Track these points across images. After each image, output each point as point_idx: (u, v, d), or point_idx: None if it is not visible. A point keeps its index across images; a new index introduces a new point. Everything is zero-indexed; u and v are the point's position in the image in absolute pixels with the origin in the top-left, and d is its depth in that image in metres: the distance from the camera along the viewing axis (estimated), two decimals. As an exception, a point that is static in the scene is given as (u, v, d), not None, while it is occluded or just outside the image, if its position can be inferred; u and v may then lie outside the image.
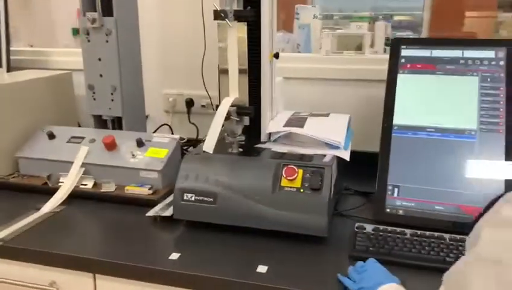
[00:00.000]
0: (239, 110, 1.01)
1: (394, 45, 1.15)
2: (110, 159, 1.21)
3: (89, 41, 1.25)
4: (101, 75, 1.27)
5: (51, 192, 1.17)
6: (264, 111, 1.11)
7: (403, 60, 1.13)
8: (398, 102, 1.10)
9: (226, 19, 0.95)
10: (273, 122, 1.14)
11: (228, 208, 0.97)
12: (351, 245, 0.92)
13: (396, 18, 3.14)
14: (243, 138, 1.07)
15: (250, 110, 1.04)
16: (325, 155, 1.03)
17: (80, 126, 1.57)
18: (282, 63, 1.23)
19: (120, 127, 1.33)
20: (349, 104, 1.38)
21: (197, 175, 1.00)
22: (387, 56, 1.37)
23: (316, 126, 1.11)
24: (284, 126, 1.11)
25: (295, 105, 1.30)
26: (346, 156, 1.05)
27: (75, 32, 3.15)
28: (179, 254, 0.90)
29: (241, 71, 1.03)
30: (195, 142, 1.46)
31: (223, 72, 1.05)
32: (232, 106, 1.00)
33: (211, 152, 0.97)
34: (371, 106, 1.37)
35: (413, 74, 1.12)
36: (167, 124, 1.53)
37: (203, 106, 1.52)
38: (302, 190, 0.95)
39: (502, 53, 1.06)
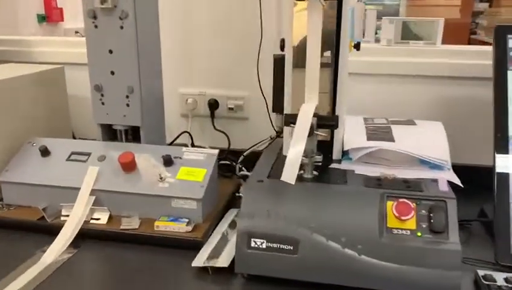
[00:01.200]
0: (320, 121, 0.74)
1: (499, 34, 0.90)
2: (130, 184, 0.91)
3: (96, 27, 0.93)
4: (112, 73, 0.96)
5: (50, 230, 0.87)
6: (340, 120, 0.84)
7: (512, 53, 0.89)
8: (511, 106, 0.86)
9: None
10: (350, 135, 0.87)
11: (316, 260, 0.70)
12: (493, 309, 0.67)
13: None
14: (319, 157, 0.80)
15: (335, 121, 0.77)
16: (433, 180, 0.78)
17: (74, 137, 1.25)
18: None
19: (135, 139, 1.03)
20: (419, 106, 1.14)
21: (268, 212, 0.72)
22: (465, 47, 1.15)
23: (409, 139, 0.85)
24: (368, 140, 0.85)
25: (349, 107, 1.04)
26: (456, 179, 0.79)
27: (41, 19, 2.80)
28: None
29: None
30: (228, 153, 1.17)
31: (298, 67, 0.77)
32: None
33: (293, 183, 0.69)
34: (449, 109, 1.12)
35: (527, 70, 0.88)
36: (187, 132, 1.23)
37: (230, 108, 1.24)
38: (419, 233, 0.69)
39: None
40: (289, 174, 0.69)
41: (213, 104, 1.24)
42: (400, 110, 1.14)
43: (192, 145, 1.24)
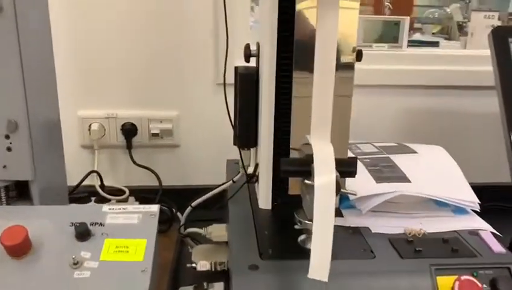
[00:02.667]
0: (339, 167, 0.50)
1: (497, 38, 0.75)
2: (24, 278, 0.57)
3: None
4: (-22, 100, 0.60)
5: None
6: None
7: (517, 61, 0.75)
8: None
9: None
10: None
11: None
12: None
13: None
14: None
15: (354, 166, 0.53)
16: (471, 232, 0.59)
17: None
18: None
19: (21, 197, 0.68)
20: (388, 122, 0.96)
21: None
22: (438, 51, 1.01)
23: (424, 176, 0.66)
24: (378, 182, 0.63)
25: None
26: (490, 227, 0.62)
27: None
28: None
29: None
30: (162, 197, 0.86)
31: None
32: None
33: (326, 280, 0.44)
34: (422, 124, 0.97)
35: (535, 81, 0.74)
36: (95, 171, 0.89)
37: (154, 134, 0.93)
38: (486, 320, 0.49)
39: None
40: (320, 267, 0.43)
41: (129, 130, 0.92)
42: (365, 127, 0.95)
43: (102, 187, 0.90)
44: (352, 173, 0.52)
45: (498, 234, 0.61)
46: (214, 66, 0.90)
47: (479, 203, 0.63)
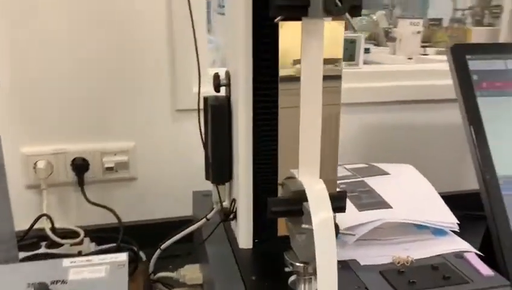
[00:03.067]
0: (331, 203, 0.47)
1: (456, 55, 0.77)
2: None
3: None
4: None
5: None
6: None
7: (475, 77, 0.76)
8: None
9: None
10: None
11: None
12: None
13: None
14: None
15: (344, 201, 0.50)
16: (456, 255, 0.59)
17: None
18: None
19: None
20: (350, 141, 0.95)
21: None
22: (390, 67, 1.02)
23: (403, 200, 0.65)
24: (361, 210, 0.61)
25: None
26: (471, 247, 0.62)
27: None
28: None
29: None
30: (123, 241, 0.79)
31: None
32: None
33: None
34: (383, 140, 0.97)
35: (493, 96, 0.76)
36: (46, 215, 0.80)
37: (109, 168, 0.85)
38: None
39: None
40: (329, 320, 0.40)
41: (80, 166, 0.84)
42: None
43: (53, 230, 0.81)
44: (343, 209, 0.50)
45: (481, 254, 0.61)
46: (171, 91, 0.85)
47: (457, 223, 0.64)
